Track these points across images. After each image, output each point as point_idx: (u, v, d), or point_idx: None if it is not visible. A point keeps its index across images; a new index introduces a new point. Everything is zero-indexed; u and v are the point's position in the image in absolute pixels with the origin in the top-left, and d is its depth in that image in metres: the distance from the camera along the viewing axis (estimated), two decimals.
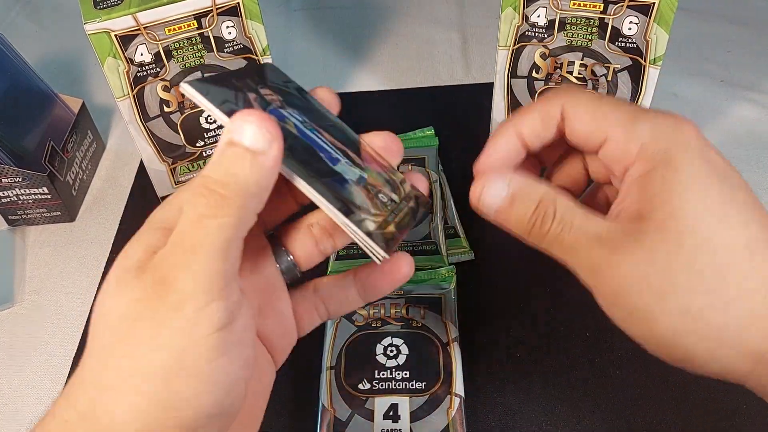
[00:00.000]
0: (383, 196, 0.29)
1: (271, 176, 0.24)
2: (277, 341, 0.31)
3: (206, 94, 0.26)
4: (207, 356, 0.23)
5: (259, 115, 0.24)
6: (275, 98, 0.29)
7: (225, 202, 0.23)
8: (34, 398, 0.45)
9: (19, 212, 0.55)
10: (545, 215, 0.28)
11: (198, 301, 0.22)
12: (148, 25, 0.47)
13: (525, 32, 0.50)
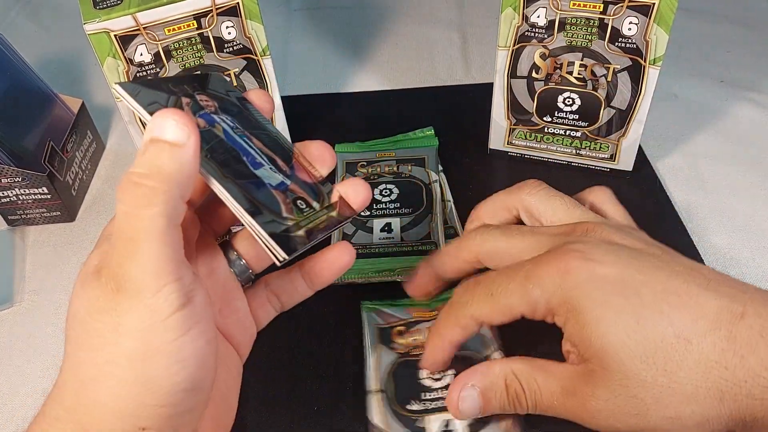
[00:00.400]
0: (301, 202, 0.31)
1: (192, 165, 0.26)
2: (239, 337, 0.32)
3: (136, 95, 0.28)
4: (171, 335, 0.24)
5: (176, 111, 0.26)
6: (211, 104, 0.31)
7: (152, 192, 0.24)
8: (34, 398, 0.45)
9: (18, 212, 0.55)
10: (517, 395, 0.32)
11: (150, 287, 0.24)
12: (148, 25, 0.47)
13: (525, 32, 0.50)
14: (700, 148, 0.60)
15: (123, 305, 0.24)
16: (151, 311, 0.24)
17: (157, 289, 0.24)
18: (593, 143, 0.55)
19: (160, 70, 0.49)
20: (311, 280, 0.33)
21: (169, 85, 0.30)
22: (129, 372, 0.24)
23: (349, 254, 0.33)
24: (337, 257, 0.33)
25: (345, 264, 0.33)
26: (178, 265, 0.25)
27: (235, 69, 0.52)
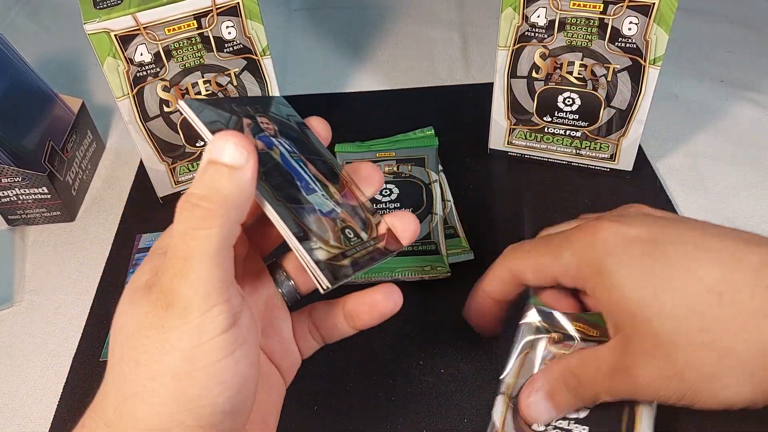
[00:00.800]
0: (350, 231, 0.31)
1: (249, 188, 0.26)
2: (281, 360, 0.32)
3: (199, 113, 0.28)
4: (215, 356, 0.24)
5: (236, 134, 0.26)
6: (271, 127, 0.31)
7: (209, 214, 0.25)
8: (33, 398, 0.45)
9: (18, 212, 0.55)
10: (576, 390, 0.32)
11: (200, 306, 0.24)
12: (148, 25, 0.47)
13: (525, 32, 0.50)
14: (700, 148, 0.60)
15: (171, 322, 0.24)
16: (198, 331, 0.24)
17: (206, 309, 0.24)
18: (593, 143, 0.55)
19: (160, 70, 0.49)
20: (352, 319, 0.32)
21: (233, 106, 0.30)
22: (171, 390, 0.24)
23: (394, 301, 0.32)
24: (380, 301, 0.32)
25: (388, 311, 0.32)
26: (227, 287, 0.25)
27: (235, 69, 0.52)
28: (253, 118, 0.31)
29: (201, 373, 0.24)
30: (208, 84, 0.52)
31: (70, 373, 0.46)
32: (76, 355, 0.47)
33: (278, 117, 0.32)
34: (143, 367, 0.24)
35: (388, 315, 0.32)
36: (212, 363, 0.24)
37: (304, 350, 0.33)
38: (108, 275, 0.52)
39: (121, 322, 0.26)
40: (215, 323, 0.24)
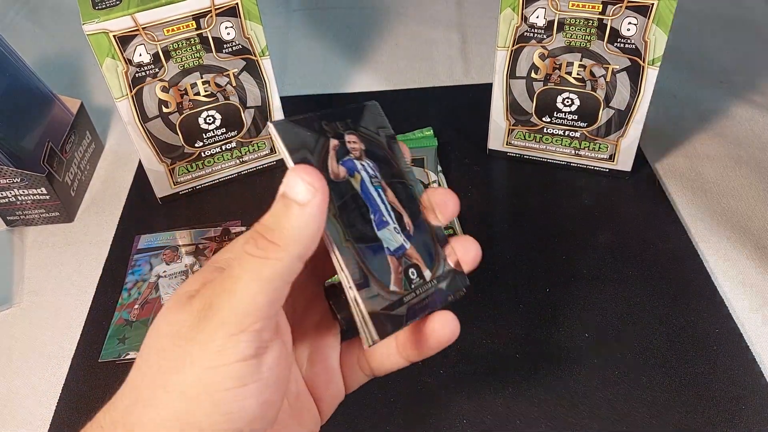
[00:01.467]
0: (413, 271, 0.30)
1: (314, 225, 0.26)
2: (323, 391, 0.32)
3: (284, 136, 0.28)
4: (225, 384, 0.24)
5: (308, 170, 0.26)
6: (358, 147, 0.31)
7: (270, 246, 0.25)
8: (33, 399, 0.45)
9: (17, 213, 0.55)
10: None
11: (230, 328, 0.24)
12: (147, 25, 0.47)
13: (524, 33, 0.50)
14: (698, 149, 0.60)
15: (200, 336, 0.24)
16: (219, 352, 0.24)
17: (234, 332, 0.24)
18: (592, 143, 0.55)
19: (159, 71, 0.49)
20: (405, 350, 0.31)
21: (322, 124, 0.30)
22: (177, 407, 0.24)
23: (451, 330, 0.30)
24: (436, 330, 0.30)
25: (446, 340, 0.30)
26: (264, 318, 0.25)
27: (234, 69, 0.52)
28: (342, 137, 0.30)
29: (208, 398, 0.24)
30: (206, 84, 0.52)
31: (69, 373, 0.46)
32: (74, 356, 0.47)
33: (368, 132, 0.32)
34: (162, 375, 0.25)
35: (445, 345, 0.30)
36: (221, 390, 0.24)
37: (350, 382, 0.33)
38: (107, 276, 0.52)
39: (159, 325, 0.26)
40: (237, 349, 0.24)
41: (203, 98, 0.52)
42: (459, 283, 0.31)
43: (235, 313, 0.24)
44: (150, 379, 0.25)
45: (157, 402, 0.24)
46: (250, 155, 0.58)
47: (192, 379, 0.24)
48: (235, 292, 0.25)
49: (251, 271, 0.25)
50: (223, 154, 0.57)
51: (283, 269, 0.25)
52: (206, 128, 0.54)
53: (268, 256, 0.25)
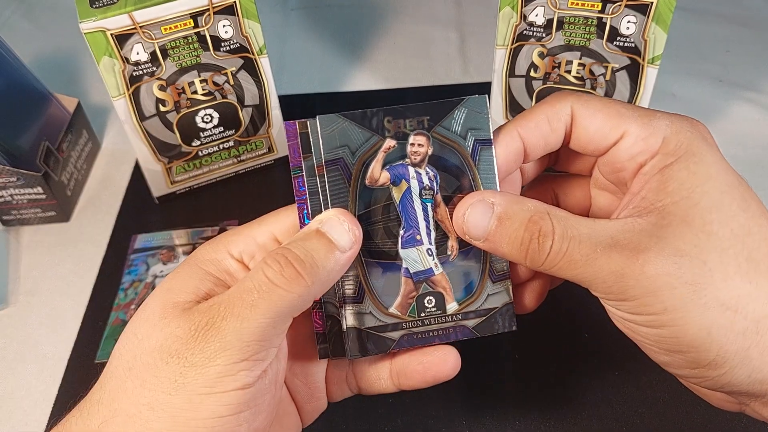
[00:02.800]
0: (432, 300, 0.28)
1: (342, 271, 0.26)
2: (304, 403, 0.31)
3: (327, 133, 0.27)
4: (220, 411, 0.23)
5: (351, 218, 0.26)
6: (421, 152, 0.28)
7: (296, 279, 0.24)
8: (28, 401, 0.44)
9: (13, 212, 0.55)
10: (541, 233, 0.26)
11: (233, 354, 0.23)
12: (144, 23, 0.46)
13: (523, 31, 0.50)
14: None
15: (196, 358, 0.23)
16: (217, 378, 0.23)
17: (235, 360, 0.23)
18: None
19: (156, 69, 0.49)
20: (398, 378, 0.30)
21: (385, 120, 0.27)
22: (165, 428, 0.23)
23: (451, 366, 0.29)
24: (435, 364, 0.29)
25: (444, 376, 0.29)
26: (266, 349, 0.24)
27: (232, 68, 0.52)
28: (406, 137, 0.28)
29: (200, 423, 0.23)
30: (204, 83, 0.51)
31: (65, 375, 0.45)
32: (71, 356, 0.46)
33: (446, 135, 0.28)
34: (147, 391, 0.23)
35: (442, 380, 0.29)
36: (214, 417, 0.23)
37: (336, 395, 0.32)
38: (103, 276, 0.51)
39: (144, 333, 0.25)
40: (236, 377, 0.23)
41: (201, 97, 0.52)
42: (497, 326, 0.29)
43: (241, 340, 0.23)
44: (133, 393, 0.23)
45: (140, 420, 0.23)
46: (248, 154, 0.58)
47: (182, 402, 0.23)
48: (246, 319, 0.24)
49: (269, 301, 0.24)
50: (220, 153, 0.56)
51: (300, 305, 0.25)
52: (203, 127, 0.54)
53: (292, 289, 0.24)
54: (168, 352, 0.24)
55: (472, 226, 0.27)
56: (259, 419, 0.25)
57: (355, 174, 0.27)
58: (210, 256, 0.27)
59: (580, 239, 0.25)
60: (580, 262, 0.25)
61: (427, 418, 0.41)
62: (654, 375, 0.43)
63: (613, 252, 0.25)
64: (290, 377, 0.30)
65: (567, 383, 0.43)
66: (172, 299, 0.25)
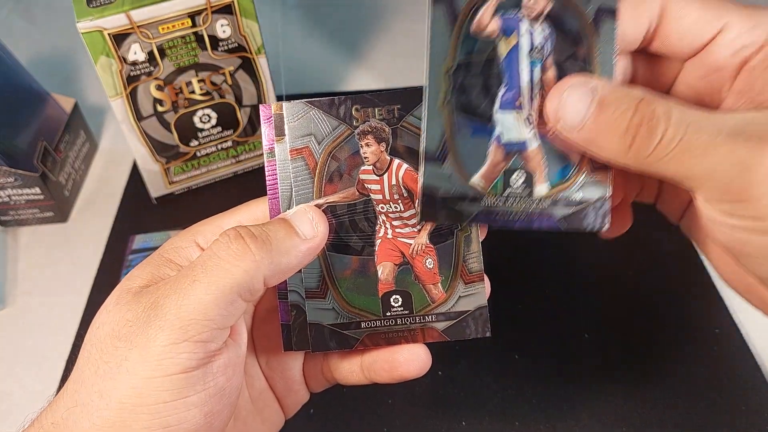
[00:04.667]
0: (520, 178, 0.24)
1: (302, 259, 0.25)
2: (284, 396, 0.31)
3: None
4: (164, 396, 0.22)
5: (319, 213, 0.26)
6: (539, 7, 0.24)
7: (244, 253, 0.23)
8: (26, 401, 0.44)
9: (11, 213, 0.55)
10: (653, 119, 0.22)
11: (172, 334, 0.22)
12: (142, 23, 0.46)
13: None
14: None
15: (140, 339, 0.22)
16: (157, 361, 0.22)
17: (174, 340, 0.22)
18: None
19: (154, 69, 0.49)
20: (368, 372, 0.29)
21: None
22: (114, 416, 0.22)
23: (419, 365, 0.28)
24: (401, 363, 0.28)
25: (410, 375, 0.28)
26: (213, 329, 0.23)
27: (230, 67, 0.51)
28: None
29: (145, 410, 0.22)
30: (202, 83, 0.51)
31: (64, 375, 0.45)
32: (69, 357, 0.46)
33: None
34: (99, 378, 0.23)
35: (409, 378, 0.29)
36: (159, 402, 0.22)
37: (315, 387, 0.31)
38: (101, 276, 0.51)
39: (101, 320, 0.24)
40: (175, 360, 0.22)
41: (198, 97, 0.52)
42: (585, 223, 0.25)
43: (180, 319, 0.22)
44: (89, 381, 0.23)
45: (93, 408, 0.22)
46: (246, 154, 0.57)
47: (128, 388, 0.22)
48: (187, 295, 0.23)
49: (211, 276, 0.23)
50: (218, 154, 0.56)
51: (245, 283, 0.23)
52: (201, 127, 0.54)
53: (237, 262, 0.23)
54: (117, 336, 0.23)
55: (569, 111, 0.23)
56: (212, 404, 0.24)
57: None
58: (175, 245, 0.27)
59: (700, 125, 0.22)
60: (698, 150, 0.22)
61: (427, 419, 0.41)
62: (654, 375, 0.43)
63: (739, 140, 0.21)
64: (268, 371, 0.30)
65: (567, 383, 0.43)
66: (127, 285, 0.25)
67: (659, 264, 0.49)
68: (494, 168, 0.24)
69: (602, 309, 0.46)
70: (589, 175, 0.25)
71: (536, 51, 0.24)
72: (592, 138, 0.23)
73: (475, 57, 0.24)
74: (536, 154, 0.25)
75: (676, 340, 0.44)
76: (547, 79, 0.24)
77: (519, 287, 0.48)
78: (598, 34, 0.24)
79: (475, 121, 0.24)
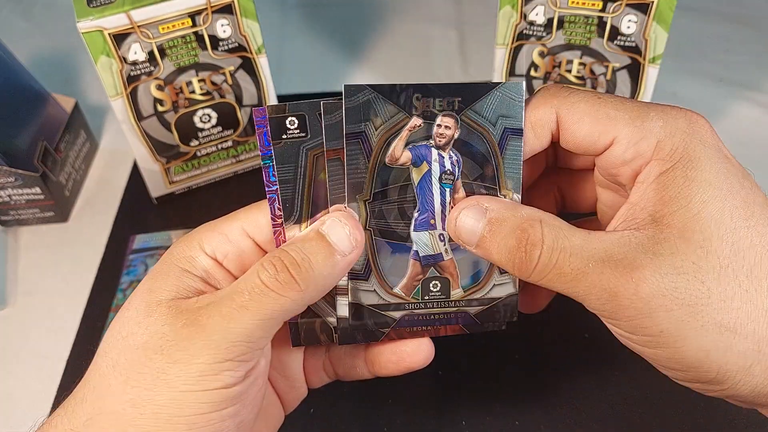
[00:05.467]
0: (437, 284, 0.28)
1: (340, 276, 0.25)
2: (284, 393, 0.31)
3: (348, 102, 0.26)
4: (202, 408, 0.23)
5: (354, 223, 0.26)
6: (448, 134, 0.27)
7: (289, 285, 0.24)
8: (27, 401, 0.44)
9: (11, 212, 0.55)
10: (529, 242, 0.24)
11: (217, 353, 0.23)
12: (142, 23, 0.46)
13: (523, 30, 0.50)
14: None
15: (181, 355, 0.23)
16: (200, 377, 0.23)
17: (220, 360, 0.23)
18: None
19: (154, 69, 0.49)
20: (373, 365, 0.30)
21: (414, 97, 0.26)
22: (148, 427, 0.23)
23: (424, 355, 0.29)
24: (408, 354, 0.29)
25: (417, 365, 0.29)
26: (251, 351, 0.24)
27: (230, 67, 0.51)
28: (433, 117, 0.26)
29: (182, 420, 0.23)
30: (202, 83, 0.51)
31: (64, 375, 0.45)
32: (70, 357, 0.46)
33: (476, 119, 0.27)
34: (131, 388, 0.23)
35: (415, 369, 0.29)
36: (197, 414, 0.23)
37: (315, 382, 0.32)
38: (102, 276, 0.51)
39: (130, 329, 0.24)
40: (218, 377, 0.23)
41: (199, 96, 0.52)
42: (498, 316, 0.29)
43: (227, 341, 0.23)
44: (117, 390, 0.23)
45: (124, 417, 0.23)
46: (246, 154, 0.57)
47: (166, 399, 0.23)
48: (234, 320, 0.23)
49: (260, 304, 0.23)
50: (219, 153, 0.56)
51: (293, 309, 0.24)
52: (202, 127, 0.54)
53: (285, 294, 0.24)
54: (152, 348, 0.23)
55: (464, 231, 0.26)
56: (244, 414, 0.25)
57: (376, 150, 0.26)
58: (185, 254, 0.27)
59: (572, 251, 0.24)
60: (570, 276, 0.24)
61: (427, 418, 0.41)
62: (654, 375, 0.42)
63: (606, 268, 0.23)
64: (270, 370, 0.30)
65: (567, 383, 0.42)
66: (155, 298, 0.25)
67: None
68: (413, 279, 0.27)
69: None
70: (498, 278, 0.28)
71: (446, 175, 0.27)
72: (487, 254, 0.26)
73: (390, 185, 0.26)
74: (450, 265, 0.28)
75: None
76: (457, 200, 0.27)
77: None
78: (504, 154, 0.27)
79: (394, 242, 0.27)
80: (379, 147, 0.26)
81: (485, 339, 0.45)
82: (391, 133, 0.26)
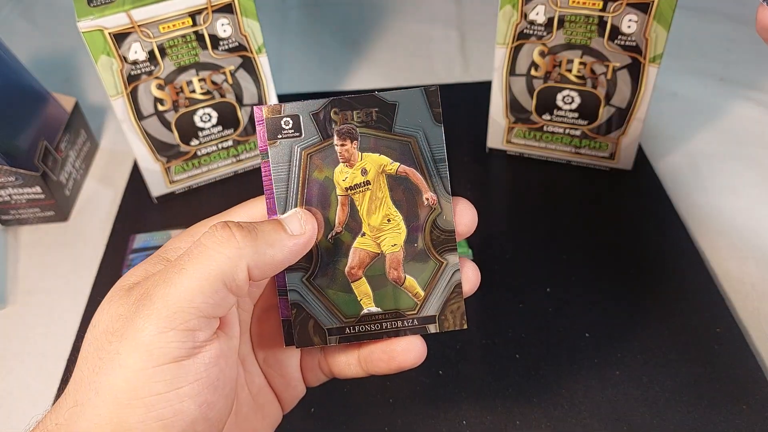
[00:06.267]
0: None
1: (289, 256, 0.26)
2: (281, 392, 0.31)
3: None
4: (157, 387, 0.22)
5: (308, 215, 0.27)
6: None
7: (229, 240, 0.24)
8: (27, 400, 0.44)
9: (11, 212, 0.55)
10: None
11: (159, 322, 0.22)
12: (142, 22, 0.46)
13: (523, 30, 0.50)
14: (699, 147, 0.59)
15: (130, 330, 0.23)
16: (147, 351, 0.22)
17: (163, 329, 0.22)
18: (592, 142, 0.54)
19: (154, 68, 0.49)
20: (366, 364, 0.30)
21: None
22: (110, 412, 0.22)
23: (416, 355, 0.29)
24: (399, 353, 0.29)
25: (408, 364, 0.29)
26: (200, 317, 0.23)
27: (231, 67, 0.51)
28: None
29: (140, 403, 0.22)
30: (203, 82, 0.51)
31: (65, 374, 0.45)
32: (70, 356, 0.46)
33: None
34: (95, 375, 0.23)
35: (407, 368, 0.29)
36: (153, 395, 0.22)
37: (312, 381, 0.32)
38: (102, 276, 0.51)
39: (97, 319, 0.24)
40: (165, 350, 0.22)
41: (199, 96, 0.52)
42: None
43: (167, 307, 0.23)
44: (87, 379, 0.23)
45: (90, 406, 0.22)
46: (247, 154, 0.57)
47: (122, 382, 0.22)
48: (173, 284, 0.23)
49: (195, 263, 0.23)
50: (219, 153, 0.56)
51: (228, 270, 0.23)
52: (202, 126, 0.54)
53: (220, 249, 0.23)
54: (110, 331, 0.23)
55: None
56: (206, 395, 0.24)
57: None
58: (173, 245, 0.27)
59: None
60: None
61: (427, 418, 0.41)
62: (654, 375, 0.42)
63: None
64: (266, 368, 0.30)
65: (568, 383, 0.42)
66: (121, 284, 0.25)
67: (660, 264, 0.49)
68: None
69: (602, 309, 0.46)
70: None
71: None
72: None
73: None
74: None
75: (676, 339, 0.44)
76: None
77: (520, 287, 0.48)
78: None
79: None
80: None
81: (485, 339, 0.45)
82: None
